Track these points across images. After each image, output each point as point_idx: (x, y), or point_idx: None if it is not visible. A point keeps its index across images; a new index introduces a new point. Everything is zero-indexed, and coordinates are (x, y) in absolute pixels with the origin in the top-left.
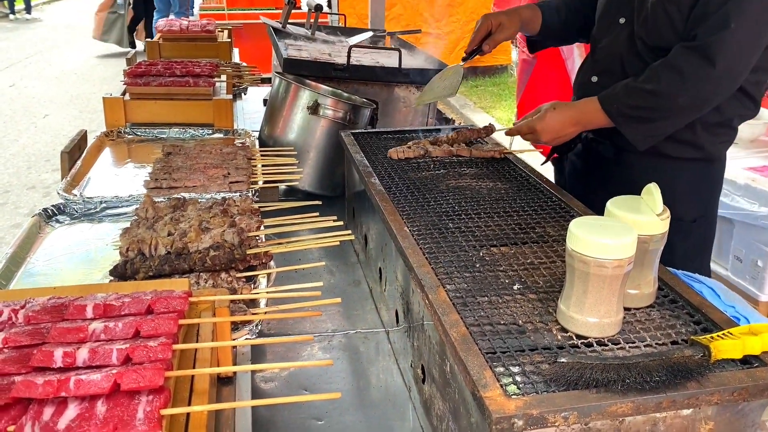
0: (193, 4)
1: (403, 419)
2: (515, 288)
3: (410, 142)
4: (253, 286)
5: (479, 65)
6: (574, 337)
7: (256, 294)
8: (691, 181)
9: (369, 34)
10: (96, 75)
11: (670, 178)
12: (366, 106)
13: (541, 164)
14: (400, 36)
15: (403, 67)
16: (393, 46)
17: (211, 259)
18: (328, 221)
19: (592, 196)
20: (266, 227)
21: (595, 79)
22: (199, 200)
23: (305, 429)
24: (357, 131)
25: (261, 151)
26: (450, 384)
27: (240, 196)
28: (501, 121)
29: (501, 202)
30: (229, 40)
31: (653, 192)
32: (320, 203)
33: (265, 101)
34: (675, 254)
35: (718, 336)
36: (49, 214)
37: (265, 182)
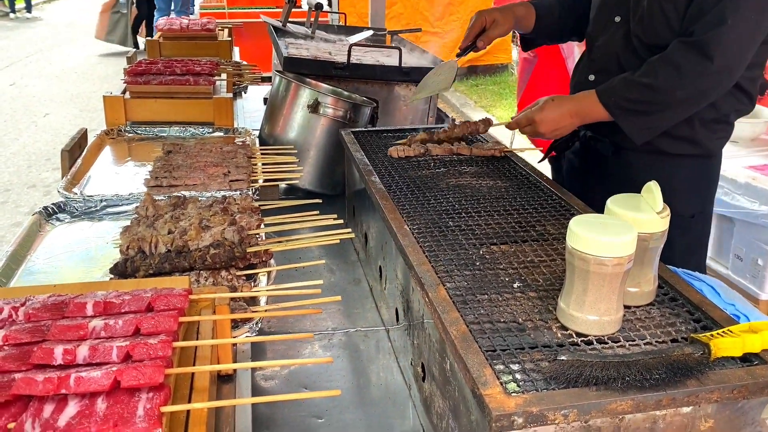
0: (194, 2)
1: (403, 417)
2: (515, 286)
3: (409, 136)
4: (253, 284)
5: (480, 64)
6: (574, 335)
7: (256, 292)
8: (690, 177)
9: (369, 32)
10: (96, 74)
11: (669, 174)
12: (366, 105)
13: (539, 162)
14: (400, 35)
15: (403, 65)
16: (393, 45)
17: (211, 257)
18: (328, 219)
19: (590, 194)
20: (266, 225)
21: (592, 77)
22: (200, 198)
23: (305, 427)
24: (357, 130)
25: (261, 149)
26: (450, 382)
27: (240, 194)
28: (501, 120)
29: (501, 201)
30: (230, 38)
31: (653, 190)
32: (320, 201)
33: (265, 100)
34: (674, 250)
35: (718, 334)
36: (49, 213)
37: (266, 181)
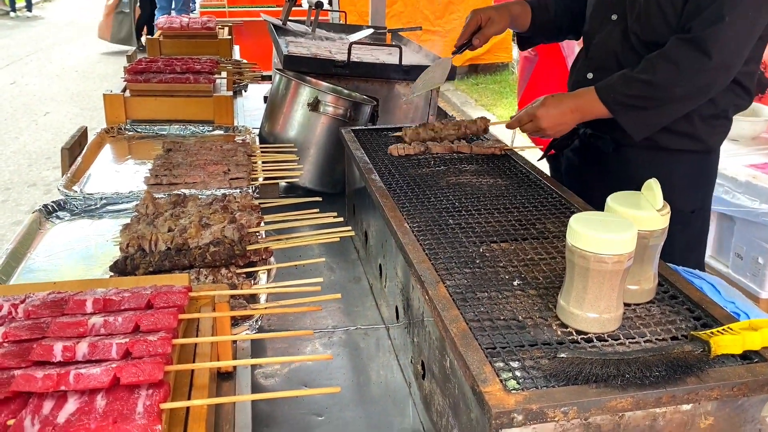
0: (195, 1)
1: (403, 415)
2: (515, 284)
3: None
4: (253, 282)
5: (480, 63)
6: (574, 333)
7: (256, 290)
8: (690, 172)
9: (369, 31)
10: (97, 72)
11: (669, 170)
12: (366, 103)
13: (538, 160)
14: (400, 33)
15: (403, 64)
16: (393, 43)
17: (211, 254)
18: (328, 218)
19: (590, 192)
20: (266, 223)
21: (590, 75)
22: (200, 196)
23: (305, 424)
24: (357, 128)
25: (261, 147)
26: (450, 379)
27: (240, 192)
28: (502, 119)
29: (501, 199)
30: (230, 37)
31: (653, 187)
32: (320, 200)
33: (265, 98)
34: (675, 246)
35: (718, 331)
36: (49, 210)
37: (266, 179)
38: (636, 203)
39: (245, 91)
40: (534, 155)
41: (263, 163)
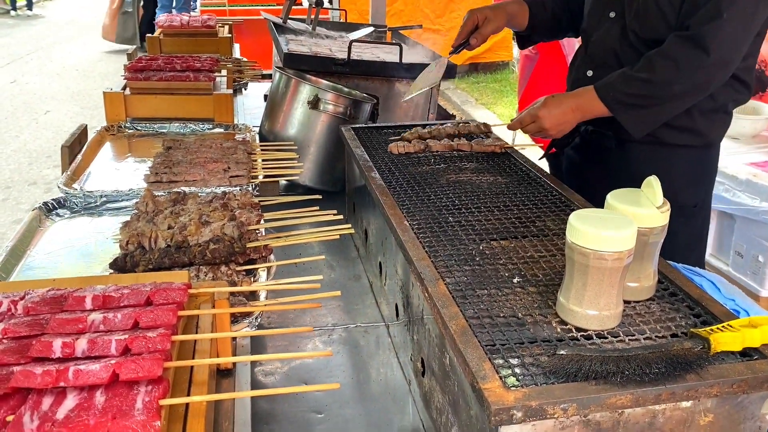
0: None
1: (402, 412)
2: (515, 281)
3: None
4: (253, 280)
5: (481, 62)
6: (574, 330)
7: (255, 286)
8: (691, 167)
9: (370, 29)
10: (97, 71)
11: (672, 165)
12: (366, 101)
13: (539, 159)
14: (401, 31)
15: (403, 62)
16: (394, 42)
17: (210, 252)
18: (328, 215)
19: (592, 190)
20: (266, 221)
21: (590, 73)
22: (199, 194)
23: (305, 422)
24: (357, 126)
25: (261, 145)
26: (449, 377)
27: (240, 190)
28: (502, 118)
29: (501, 196)
30: (230, 35)
31: (653, 185)
32: (320, 197)
33: (265, 97)
34: (678, 241)
35: (718, 328)
36: (49, 208)
37: (265, 177)
38: (636, 200)
39: (245, 89)
40: (534, 153)
41: (263, 161)
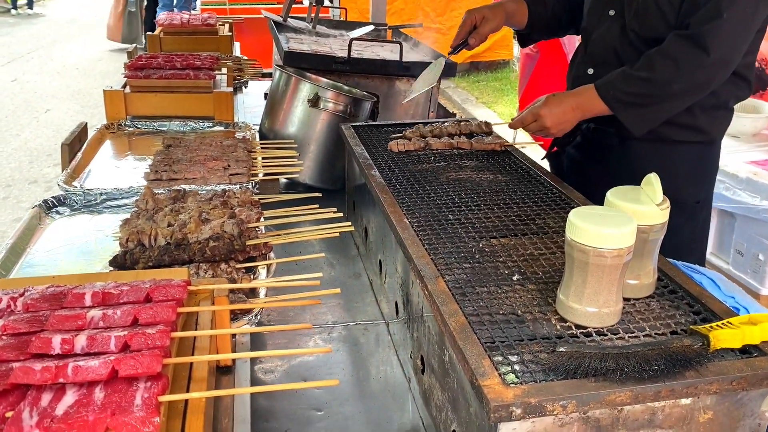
0: None
1: (402, 410)
2: (515, 279)
3: (408, 131)
4: (252, 277)
5: (481, 60)
6: (573, 327)
7: (255, 284)
8: (693, 164)
9: (370, 27)
10: (98, 70)
11: (674, 162)
12: (367, 99)
13: (542, 159)
14: (401, 30)
15: (404, 60)
16: (394, 40)
17: (210, 249)
18: (328, 213)
19: (593, 188)
20: (266, 219)
21: (591, 71)
22: (199, 192)
23: (305, 419)
24: (357, 124)
25: (261, 143)
26: (449, 374)
27: (240, 188)
28: (503, 117)
29: (501, 194)
30: (230, 33)
31: (653, 182)
32: (320, 196)
33: (265, 95)
34: (681, 238)
35: (718, 326)
36: (49, 206)
37: (266, 175)
38: (636, 198)
39: (245, 88)
40: (535, 151)
41: (263, 159)
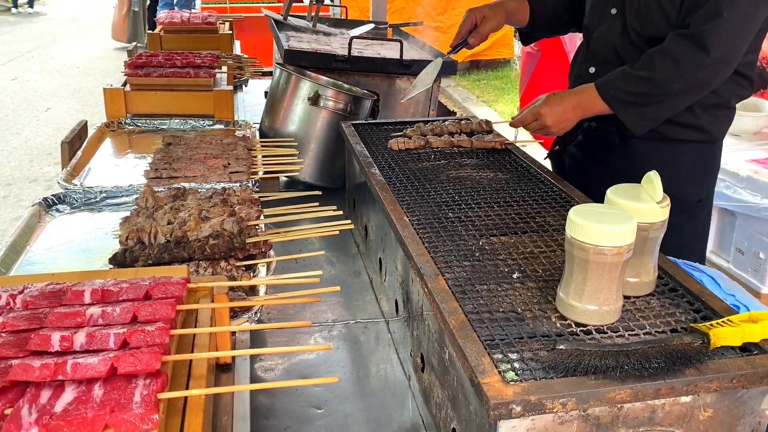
0: None
1: (402, 408)
2: (514, 277)
3: (408, 129)
4: (252, 275)
5: (482, 59)
6: (573, 325)
7: (255, 281)
8: (695, 163)
9: (371, 26)
10: (98, 68)
11: (675, 161)
12: (367, 98)
13: (545, 158)
14: (402, 28)
15: (404, 58)
16: (394, 38)
17: (210, 247)
18: (328, 211)
19: (595, 187)
20: (266, 217)
21: (592, 70)
22: (199, 190)
23: (304, 417)
24: (358, 122)
25: (261, 141)
26: (449, 372)
27: (240, 186)
28: (503, 115)
29: (501, 192)
30: (231, 32)
31: (653, 180)
32: (320, 194)
33: (266, 93)
34: (683, 236)
35: (718, 324)
36: (49, 204)
37: (265, 173)
38: (636, 195)
39: (246, 86)
40: (535, 150)
41: (263, 157)
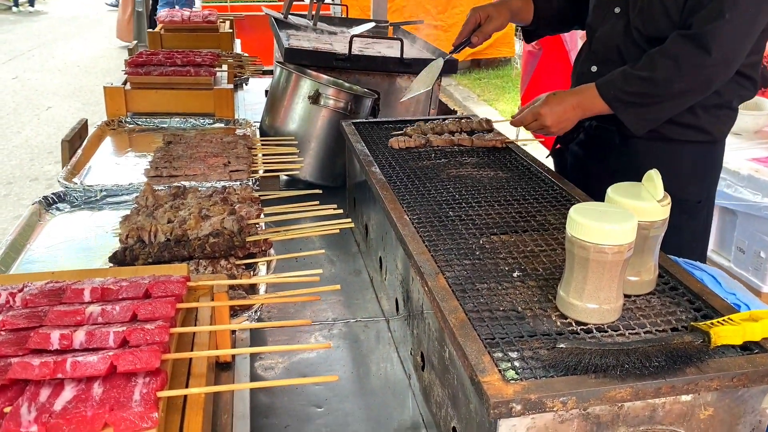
0: None
1: (402, 406)
2: (515, 275)
3: (408, 128)
4: (252, 274)
5: (483, 57)
6: (574, 324)
7: (255, 279)
8: (696, 163)
9: (371, 24)
10: (99, 67)
11: (676, 161)
12: (367, 96)
13: (546, 156)
14: (402, 27)
15: (404, 57)
16: (395, 37)
17: (210, 246)
18: (329, 209)
19: (596, 186)
20: (266, 215)
21: (594, 69)
22: (199, 189)
23: (305, 416)
24: (358, 121)
25: (261, 140)
26: (449, 370)
27: (240, 184)
28: (504, 114)
29: (502, 191)
30: (231, 31)
31: (654, 178)
32: (321, 192)
33: (266, 92)
34: (683, 236)
35: (719, 322)
36: (49, 202)
37: (266, 172)
38: (637, 194)
39: (246, 85)
40: (535, 148)
41: (263, 155)
